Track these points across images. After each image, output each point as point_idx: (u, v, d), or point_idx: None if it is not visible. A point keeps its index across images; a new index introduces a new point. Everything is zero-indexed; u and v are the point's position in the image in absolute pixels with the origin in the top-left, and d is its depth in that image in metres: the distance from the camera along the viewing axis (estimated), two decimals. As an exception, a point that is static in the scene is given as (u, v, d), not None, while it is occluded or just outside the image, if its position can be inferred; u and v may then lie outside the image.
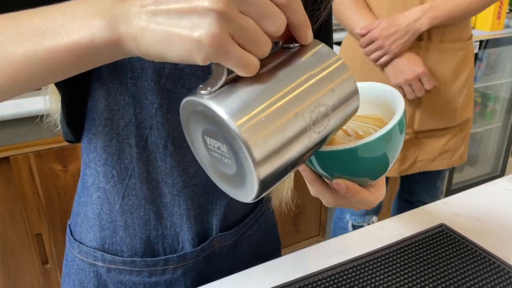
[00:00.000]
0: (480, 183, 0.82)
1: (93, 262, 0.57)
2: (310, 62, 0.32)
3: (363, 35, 1.05)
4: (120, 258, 0.56)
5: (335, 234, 1.33)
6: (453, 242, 0.63)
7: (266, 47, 0.29)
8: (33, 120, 1.15)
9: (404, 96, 1.06)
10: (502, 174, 2.45)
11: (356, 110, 0.35)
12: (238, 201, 0.61)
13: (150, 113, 0.50)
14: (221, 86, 0.29)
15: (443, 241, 0.63)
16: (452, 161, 1.19)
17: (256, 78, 0.30)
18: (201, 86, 0.29)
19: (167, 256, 0.56)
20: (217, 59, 0.27)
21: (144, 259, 0.56)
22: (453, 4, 1.00)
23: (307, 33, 0.32)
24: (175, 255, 0.56)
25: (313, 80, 0.31)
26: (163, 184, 0.54)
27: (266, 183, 0.29)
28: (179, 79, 0.50)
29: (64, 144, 1.22)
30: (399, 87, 1.05)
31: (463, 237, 0.64)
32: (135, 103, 0.50)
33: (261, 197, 0.31)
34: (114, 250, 0.56)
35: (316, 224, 1.86)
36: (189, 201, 0.55)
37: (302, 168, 0.41)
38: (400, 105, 0.39)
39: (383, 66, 1.06)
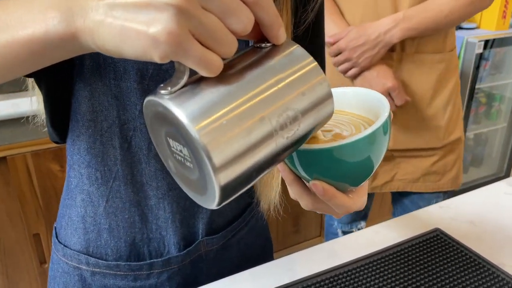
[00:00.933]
0: (485, 184, 0.79)
1: (77, 265, 0.56)
2: (281, 63, 0.30)
3: (332, 44, 0.97)
4: (104, 262, 0.55)
5: (328, 240, 1.30)
6: (447, 247, 0.61)
7: (230, 46, 0.27)
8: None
9: None
10: (507, 175, 2.41)
11: (330, 115, 0.33)
12: (225, 205, 0.60)
13: (133, 115, 0.49)
14: (183, 86, 0.28)
15: (437, 246, 0.62)
16: (441, 185, 1.07)
17: (221, 79, 0.28)
18: (161, 85, 0.28)
19: (152, 260, 0.55)
20: (175, 57, 0.26)
21: (129, 263, 0.55)
22: (428, 15, 0.90)
23: (278, 33, 0.30)
24: (159, 259, 0.55)
25: (282, 83, 0.29)
26: (147, 186, 0.53)
27: (227, 190, 0.28)
28: (163, 80, 0.49)
29: (61, 144, 1.22)
30: None
31: (458, 242, 0.62)
32: (118, 104, 0.49)
33: (224, 204, 0.29)
34: (98, 253, 0.55)
35: (316, 225, 1.85)
36: (174, 204, 0.54)
37: (281, 168, 0.39)
38: (384, 112, 0.37)
39: (352, 78, 1.00)
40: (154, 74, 0.48)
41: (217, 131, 0.27)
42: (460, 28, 2.08)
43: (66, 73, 0.48)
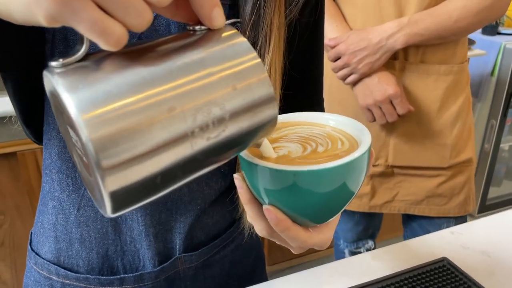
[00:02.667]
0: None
1: (48, 275, 0.53)
2: (214, 52, 0.25)
3: (331, 47, 0.90)
4: (74, 274, 0.52)
5: (337, 259, 1.23)
6: (453, 281, 0.54)
7: (140, 16, 0.22)
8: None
9: (374, 120, 0.92)
10: (545, 191, 2.24)
11: (271, 121, 0.28)
12: (207, 219, 0.55)
13: (104, 119, 0.46)
14: (81, 60, 0.23)
15: (442, 278, 0.55)
16: (447, 209, 0.98)
17: (134, 60, 0.23)
18: (57, 57, 0.23)
19: (123, 276, 0.52)
20: (62, 18, 0.21)
21: (99, 277, 0.52)
22: (435, 20, 0.82)
23: (211, 13, 0.25)
24: (131, 274, 0.52)
25: (211, 76, 0.24)
26: (120, 196, 0.49)
27: (120, 198, 0.23)
28: None
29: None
30: (368, 110, 0.91)
31: (466, 276, 0.55)
32: (89, 107, 0.45)
33: (122, 213, 0.24)
34: (70, 264, 0.52)
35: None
36: (147, 217, 0.50)
37: (238, 184, 0.34)
38: (363, 146, 0.31)
39: (352, 85, 0.92)
40: None
41: (111, 124, 0.21)
42: (498, 33, 1.95)
43: (33, 71, 0.45)
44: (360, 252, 1.14)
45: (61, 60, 0.22)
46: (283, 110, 0.50)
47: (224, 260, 0.58)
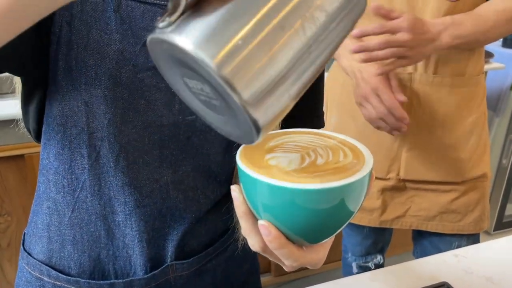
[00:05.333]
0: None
1: (39, 276, 0.53)
2: None
3: (389, 18, 0.76)
4: (65, 276, 0.52)
5: (344, 272, 1.20)
6: (454, 306, 0.52)
7: None
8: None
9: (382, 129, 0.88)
10: None
11: (362, 10, 0.30)
12: (200, 227, 0.55)
13: (102, 124, 0.46)
14: (182, 13, 0.24)
15: (442, 303, 0.53)
16: (461, 226, 0.94)
17: None
18: (159, 18, 0.24)
19: (113, 281, 0.51)
20: None
21: (89, 280, 0.51)
22: (477, 22, 0.77)
23: None
24: (121, 280, 0.51)
25: None
26: (115, 200, 0.49)
27: (266, 122, 0.25)
28: (138, 89, 0.46)
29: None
30: (373, 120, 0.87)
31: (467, 302, 0.53)
32: (88, 110, 0.46)
33: (267, 132, 0.26)
34: (61, 265, 0.52)
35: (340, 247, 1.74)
36: (141, 222, 0.50)
37: (234, 196, 0.34)
38: (366, 168, 0.31)
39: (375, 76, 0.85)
40: (128, 82, 0.45)
41: (236, 55, 0.22)
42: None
43: (40, 73, 0.45)
44: (368, 267, 1.11)
45: (167, 18, 0.23)
46: (282, 121, 0.49)
47: (217, 269, 0.57)
